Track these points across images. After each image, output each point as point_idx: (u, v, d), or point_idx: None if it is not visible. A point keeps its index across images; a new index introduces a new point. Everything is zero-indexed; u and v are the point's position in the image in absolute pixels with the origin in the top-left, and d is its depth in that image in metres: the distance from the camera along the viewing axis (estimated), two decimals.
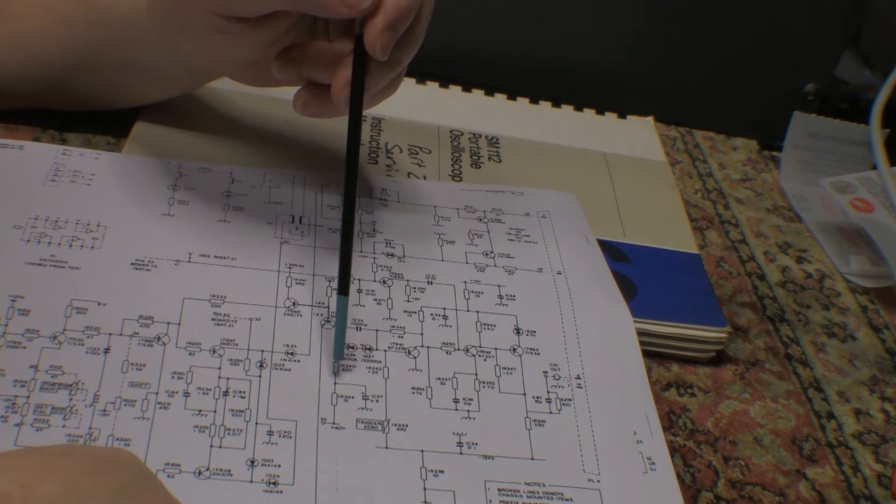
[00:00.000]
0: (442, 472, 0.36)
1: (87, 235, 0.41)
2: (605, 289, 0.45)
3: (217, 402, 0.37)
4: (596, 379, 0.41)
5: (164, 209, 0.44)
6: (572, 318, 0.43)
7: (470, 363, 0.41)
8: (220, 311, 0.40)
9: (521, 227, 0.48)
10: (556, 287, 0.45)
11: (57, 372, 0.36)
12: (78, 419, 0.35)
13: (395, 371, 0.40)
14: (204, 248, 0.42)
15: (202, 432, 0.36)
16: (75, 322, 0.38)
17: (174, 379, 0.37)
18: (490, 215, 0.48)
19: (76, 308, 0.38)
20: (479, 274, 0.44)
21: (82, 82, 0.47)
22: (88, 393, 0.36)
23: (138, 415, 0.35)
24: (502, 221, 0.48)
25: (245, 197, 0.46)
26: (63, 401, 0.35)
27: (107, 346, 0.37)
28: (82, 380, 0.36)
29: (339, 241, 0.43)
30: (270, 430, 0.36)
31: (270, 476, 0.35)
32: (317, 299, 0.41)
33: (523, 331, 0.42)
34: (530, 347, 0.42)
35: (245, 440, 0.36)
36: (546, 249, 0.47)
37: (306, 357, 0.39)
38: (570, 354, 0.42)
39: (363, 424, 0.37)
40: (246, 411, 0.37)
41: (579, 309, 0.44)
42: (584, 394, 0.41)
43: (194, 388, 0.37)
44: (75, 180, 0.44)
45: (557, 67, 0.63)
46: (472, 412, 0.39)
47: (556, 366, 0.41)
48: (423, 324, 0.42)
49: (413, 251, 0.45)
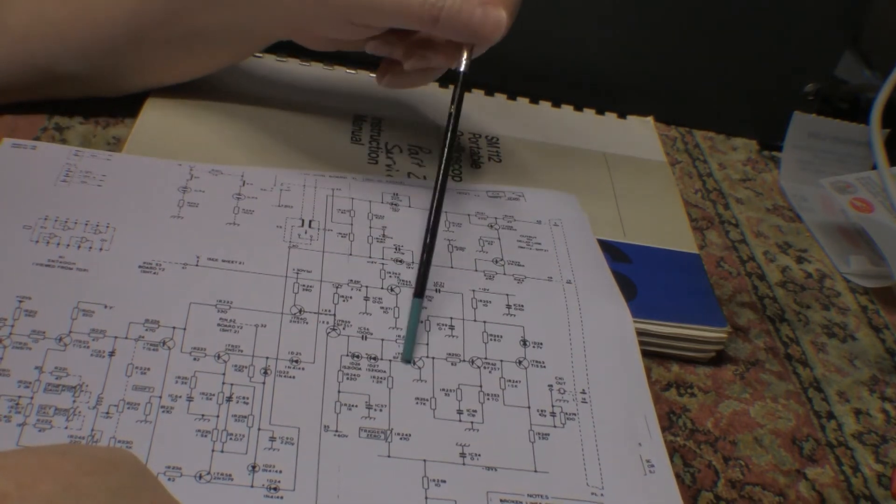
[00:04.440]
0: (444, 481, 0.36)
1: (95, 237, 0.41)
2: (612, 297, 0.45)
3: (220, 407, 0.37)
4: (601, 394, 0.41)
5: (173, 211, 0.44)
6: (580, 330, 0.43)
7: (475, 375, 0.40)
8: (226, 316, 0.40)
9: (533, 235, 0.47)
10: (566, 297, 0.44)
11: (61, 373, 0.36)
12: (81, 421, 0.35)
13: (399, 381, 0.39)
14: (212, 252, 0.42)
15: (204, 437, 0.36)
16: (81, 324, 0.38)
17: (178, 383, 0.37)
18: (501, 222, 0.48)
19: (83, 310, 0.38)
20: (487, 282, 0.44)
21: (142, 56, 0.48)
22: (92, 395, 0.36)
23: (141, 418, 0.35)
24: (513, 228, 0.48)
25: (255, 200, 0.45)
26: (66, 402, 0.35)
27: (112, 349, 0.37)
28: (86, 382, 0.36)
29: (348, 247, 0.43)
30: (273, 437, 0.36)
31: (271, 482, 0.35)
32: (323, 307, 0.41)
33: (530, 343, 0.42)
34: (536, 360, 0.42)
35: (247, 445, 0.36)
36: (557, 258, 0.46)
37: (311, 365, 0.39)
38: (577, 368, 0.42)
39: (366, 433, 0.37)
40: (249, 417, 0.37)
41: (587, 320, 0.43)
42: (588, 409, 0.40)
43: (198, 393, 0.37)
44: (86, 181, 0.44)
45: (557, 67, 0.63)
46: (475, 424, 0.39)
47: (561, 379, 0.41)
48: (429, 334, 0.41)
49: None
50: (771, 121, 0.64)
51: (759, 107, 0.65)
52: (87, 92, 0.50)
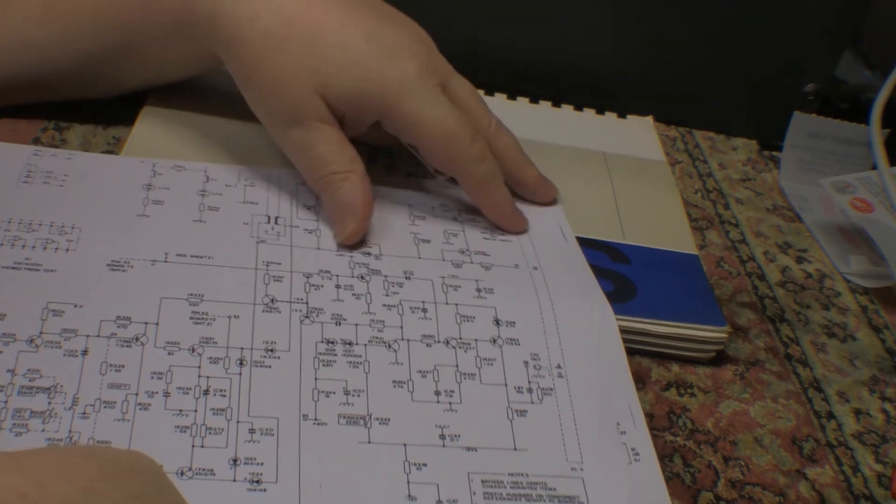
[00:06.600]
0: (425, 465, 0.36)
1: (61, 237, 0.41)
2: (583, 282, 0.45)
3: (197, 401, 0.36)
4: (577, 368, 0.41)
5: (138, 209, 0.43)
6: (551, 309, 0.43)
7: (451, 355, 0.41)
8: (198, 309, 0.39)
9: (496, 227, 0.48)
10: (534, 281, 0.45)
11: (35, 375, 0.36)
12: (57, 423, 0.34)
13: (375, 365, 0.39)
14: (180, 248, 0.42)
15: (183, 432, 0.35)
16: (52, 325, 0.37)
17: (154, 379, 0.37)
18: (465, 215, 0.48)
19: (52, 311, 0.38)
20: (456, 269, 0.44)
21: (132, 63, 0.48)
22: (67, 396, 0.35)
23: (118, 416, 0.35)
24: (476, 220, 0.48)
25: (220, 196, 0.45)
26: (42, 404, 0.35)
27: (84, 348, 0.37)
28: (61, 382, 0.36)
29: (315, 242, 0.44)
30: (252, 428, 0.36)
31: (254, 474, 0.35)
32: (295, 295, 0.41)
33: (503, 322, 0.42)
34: (510, 338, 0.42)
35: (227, 439, 0.35)
36: (521, 247, 0.47)
37: (286, 353, 0.39)
38: (551, 344, 0.42)
39: (345, 420, 0.37)
40: (227, 410, 0.36)
41: (557, 301, 0.44)
42: (565, 383, 0.41)
43: (174, 388, 0.36)
44: (48, 181, 0.44)
45: (557, 67, 0.63)
46: (453, 404, 0.39)
47: (536, 356, 0.41)
48: (403, 317, 0.41)
49: (389, 250, 0.45)
50: (771, 121, 0.64)
51: (759, 107, 0.65)
52: (77, 95, 0.50)
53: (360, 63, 0.44)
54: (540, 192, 0.50)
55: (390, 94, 0.44)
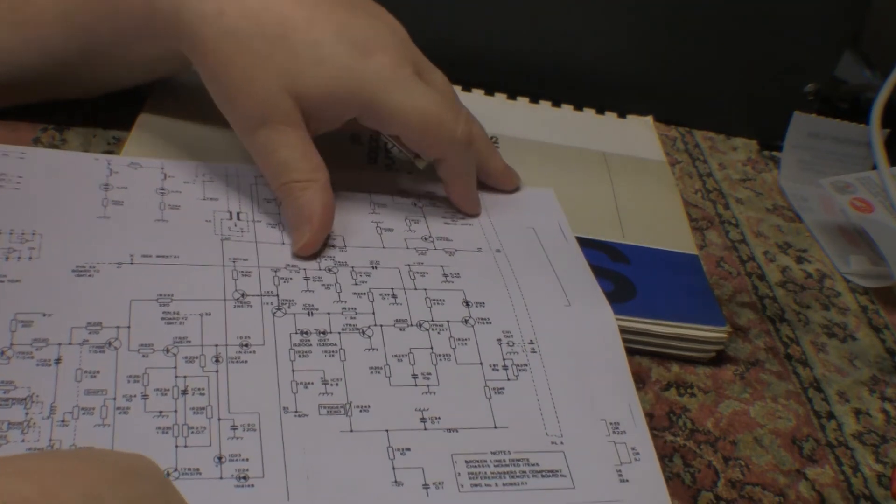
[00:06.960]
0: (408, 449, 0.37)
1: (23, 246, 0.40)
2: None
3: (177, 401, 0.36)
4: (549, 341, 0.42)
5: (98, 211, 0.43)
6: (517, 287, 0.44)
7: (424, 337, 0.41)
8: (169, 309, 0.39)
9: (456, 210, 0.48)
10: (498, 263, 0.45)
11: (9, 387, 0.35)
12: (37, 433, 0.34)
13: (351, 352, 0.39)
14: (145, 249, 0.41)
15: (165, 433, 0.35)
16: (22, 336, 0.37)
17: (130, 383, 0.36)
18: (424, 200, 0.49)
19: (21, 321, 0.37)
20: (420, 257, 0.45)
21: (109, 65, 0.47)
22: (44, 405, 0.35)
23: (98, 422, 0.35)
24: (437, 206, 0.48)
25: (180, 194, 0.45)
26: (19, 415, 0.34)
27: (58, 357, 0.36)
28: (36, 392, 0.35)
29: (280, 237, 0.44)
30: (234, 425, 0.36)
31: (240, 471, 0.34)
32: (265, 289, 0.41)
33: (472, 303, 0.43)
34: (481, 317, 0.42)
35: (210, 437, 0.35)
36: (482, 230, 0.47)
37: (261, 347, 0.39)
38: (521, 321, 0.42)
39: (326, 410, 0.37)
40: (207, 408, 0.36)
41: (523, 280, 0.44)
42: (538, 357, 0.41)
43: (152, 390, 0.36)
44: (3, 185, 0.43)
45: (557, 67, 0.63)
46: (431, 386, 0.39)
47: (508, 332, 0.42)
48: (374, 303, 0.42)
49: (353, 241, 0.45)
50: (771, 121, 0.64)
51: (759, 107, 0.65)
52: (56, 96, 0.49)
53: (332, 61, 0.42)
54: (504, 181, 0.51)
55: (366, 92, 0.43)
